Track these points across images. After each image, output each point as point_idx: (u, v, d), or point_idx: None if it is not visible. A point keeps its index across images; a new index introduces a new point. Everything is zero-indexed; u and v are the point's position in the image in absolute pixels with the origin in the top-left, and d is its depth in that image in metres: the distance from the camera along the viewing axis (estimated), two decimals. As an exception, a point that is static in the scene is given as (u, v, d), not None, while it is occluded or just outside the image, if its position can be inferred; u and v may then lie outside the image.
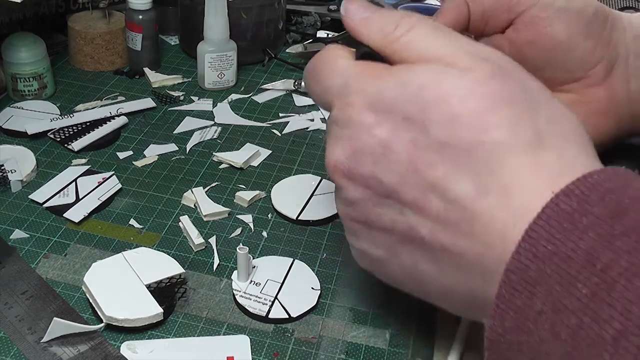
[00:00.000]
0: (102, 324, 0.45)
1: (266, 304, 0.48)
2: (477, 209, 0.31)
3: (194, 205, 0.59)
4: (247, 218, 0.58)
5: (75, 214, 0.56)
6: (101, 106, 0.72)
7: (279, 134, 0.70)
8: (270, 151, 0.67)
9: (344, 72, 0.37)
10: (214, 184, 0.62)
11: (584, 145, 0.33)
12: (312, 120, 0.73)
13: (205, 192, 0.60)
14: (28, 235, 0.54)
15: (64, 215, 0.56)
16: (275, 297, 0.49)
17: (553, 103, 0.34)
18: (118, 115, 0.70)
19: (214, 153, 0.66)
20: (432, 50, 0.35)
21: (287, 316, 0.47)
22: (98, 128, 0.67)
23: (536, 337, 0.28)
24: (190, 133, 0.69)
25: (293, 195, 0.59)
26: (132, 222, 0.56)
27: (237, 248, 0.49)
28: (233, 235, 0.56)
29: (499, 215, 0.31)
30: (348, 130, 0.36)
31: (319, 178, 0.62)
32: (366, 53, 0.38)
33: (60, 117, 0.68)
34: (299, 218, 0.57)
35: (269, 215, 0.58)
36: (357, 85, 0.36)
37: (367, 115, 0.35)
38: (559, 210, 0.29)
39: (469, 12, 0.50)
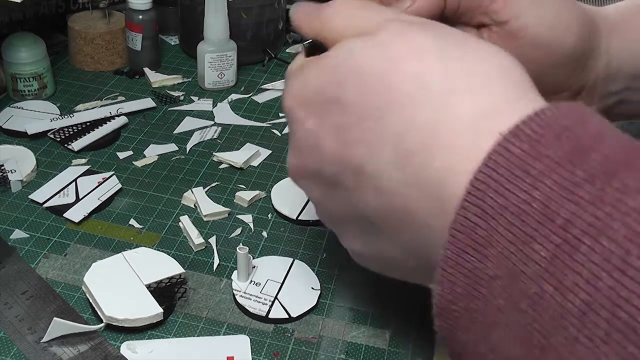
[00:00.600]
0: (102, 324, 0.45)
1: (266, 304, 0.48)
2: (406, 173, 0.29)
3: (194, 205, 0.59)
4: (247, 218, 0.58)
5: (75, 214, 0.56)
6: (101, 106, 0.72)
7: (279, 134, 0.70)
8: (270, 151, 0.67)
9: (286, 78, 0.38)
10: (214, 184, 0.62)
11: (520, 83, 0.29)
12: (312, 120, 0.73)
13: (205, 192, 0.60)
14: (28, 235, 0.54)
15: (64, 215, 0.56)
16: (275, 297, 0.49)
17: (473, 46, 0.31)
18: (118, 115, 0.70)
19: (214, 153, 0.66)
20: (350, 27, 0.34)
21: (287, 316, 0.47)
22: (98, 128, 0.67)
23: (492, 305, 0.25)
24: (190, 133, 0.69)
25: (293, 195, 0.59)
26: (132, 222, 0.56)
27: (237, 248, 0.49)
28: (233, 235, 0.56)
29: (430, 173, 0.28)
30: (291, 132, 0.36)
31: (319, 178, 0.62)
32: (311, 46, 0.39)
33: (60, 117, 0.68)
34: (299, 218, 0.57)
35: (269, 215, 0.58)
36: (289, 86, 0.36)
37: (299, 111, 0.34)
38: (508, 155, 0.25)
39: (444, 3, 0.47)
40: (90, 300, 0.47)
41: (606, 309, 0.22)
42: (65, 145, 0.65)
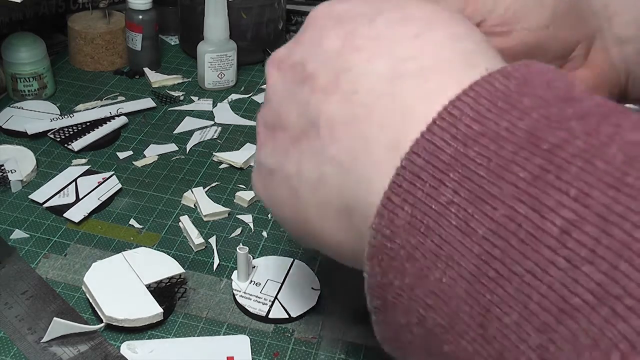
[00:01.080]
0: (102, 324, 0.45)
1: (266, 304, 0.48)
2: (384, 94, 0.27)
3: (194, 205, 0.59)
4: (247, 218, 0.58)
5: (75, 214, 0.56)
6: (101, 106, 0.72)
7: (279, 134, 0.70)
8: (270, 151, 0.67)
9: None
10: (214, 184, 0.62)
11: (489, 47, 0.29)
12: (312, 120, 0.73)
13: (205, 192, 0.60)
14: (28, 235, 0.54)
15: (64, 215, 0.56)
16: (275, 297, 0.49)
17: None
18: (118, 115, 0.70)
19: (214, 153, 0.66)
20: None
21: (287, 316, 0.47)
22: (98, 128, 0.67)
23: (437, 237, 0.22)
24: (190, 133, 0.69)
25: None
26: (132, 222, 0.56)
27: (237, 248, 0.49)
28: (233, 235, 0.56)
29: (409, 95, 0.26)
30: (301, 29, 0.34)
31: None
32: None
33: (60, 117, 0.68)
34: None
35: (269, 215, 0.58)
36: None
37: (320, 21, 0.33)
38: (493, 90, 0.23)
39: None
40: (90, 300, 0.47)
41: (595, 226, 0.20)
42: (65, 145, 0.65)
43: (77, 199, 0.57)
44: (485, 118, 0.23)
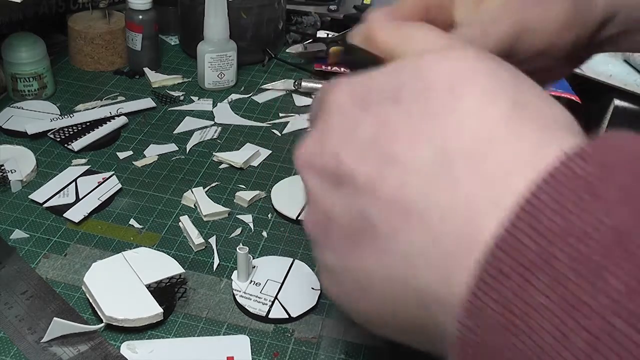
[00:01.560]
0: (102, 324, 0.45)
1: (266, 304, 0.48)
2: (439, 182, 0.25)
3: (194, 205, 0.59)
4: (247, 218, 0.58)
5: (75, 214, 0.56)
6: (101, 106, 0.72)
7: (279, 134, 0.70)
8: (270, 151, 0.67)
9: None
10: (214, 184, 0.62)
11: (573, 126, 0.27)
12: (312, 120, 0.73)
13: (205, 192, 0.60)
14: (28, 235, 0.54)
15: (64, 215, 0.56)
16: (275, 297, 0.49)
17: (534, 88, 0.28)
18: (118, 115, 0.70)
19: (214, 153, 0.66)
20: (428, 46, 0.33)
21: (287, 316, 0.47)
22: (98, 128, 0.67)
23: (528, 339, 0.22)
24: (190, 133, 0.69)
25: (293, 195, 0.59)
26: (132, 222, 0.56)
27: (237, 248, 0.49)
28: (233, 235, 0.56)
29: (467, 183, 0.24)
30: (321, 116, 0.32)
31: (319, 178, 0.62)
32: (351, 47, 0.37)
33: (60, 117, 0.68)
34: (299, 218, 0.57)
35: (269, 215, 0.58)
36: (345, 80, 0.33)
37: (342, 97, 0.31)
38: (573, 177, 0.22)
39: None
40: (90, 300, 0.47)
41: None
42: (65, 145, 0.65)
43: (77, 199, 0.57)
44: (569, 212, 0.21)
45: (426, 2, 0.41)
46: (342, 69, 0.82)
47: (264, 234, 0.56)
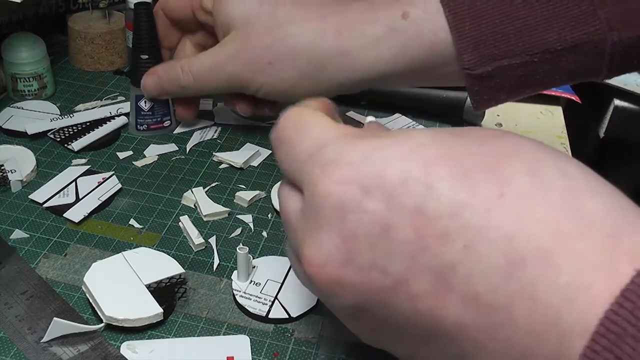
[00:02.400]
0: (102, 324, 0.45)
1: (266, 304, 0.48)
2: (513, 292, 0.24)
3: (194, 205, 0.59)
4: (247, 218, 0.58)
5: (75, 214, 0.56)
6: (101, 106, 0.72)
7: (279, 134, 0.70)
8: (270, 151, 0.67)
9: (318, 138, 0.31)
10: (214, 184, 0.62)
11: (629, 205, 0.25)
12: (312, 120, 0.73)
13: (205, 192, 0.60)
14: (28, 235, 0.54)
15: (64, 215, 0.56)
16: (275, 297, 0.49)
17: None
18: (118, 115, 0.70)
19: (214, 153, 0.66)
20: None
21: (287, 316, 0.47)
22: (98, 128, 0.67)
23: None
24: (190, 133, 0.69)
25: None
26: (132, 222, 0.56)
27: (237, 248, 0.49)
28: (233, 235, 0.56)
29: (539, 312, 0.23)
30: (331, 212, 0.28)
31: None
32: None
33: (60, 117, 0.68)
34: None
35: (269, 215, 0.58)
36: (336, 152, 0.29)
37: (352, 188, 0.27)
38: None
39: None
40: (90, 300, 0.47)
41: None
42: (65, 145, 0.65)
43: (77, 199, 0.57)
44: None
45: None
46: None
47: (264, 234, 0.56)
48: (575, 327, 0.22)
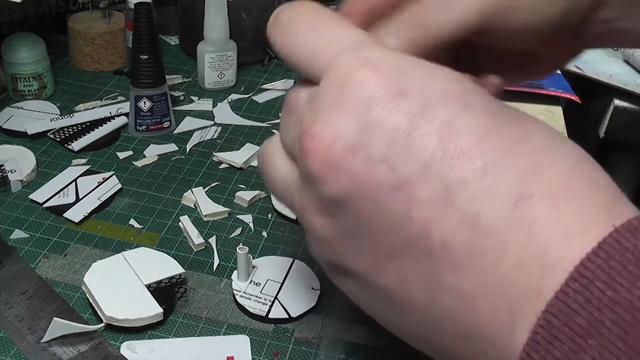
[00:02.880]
0: (102, 324, 0.45)
1: (266, 304, 0.48)
2: (513, 222, 0.25)
3: (194, 205, 0.59)
4: (247, 218, 0.58)
5: (75, 214, 0.56)
6: (101, 106, 0.72)
7: (279, 134, 0.70)
8: (270, 151, 0.67)
9: (361, 38, 0.30)
10: (214, 184, 0.62)
11: (612, 187, 0.26)
12: (312, 120, 0.73)
13: (205, 192, 0.60)
14: (28, 235, 0.54)
15: (64, 215, 0.56)
16: (275, 297, 0.49)
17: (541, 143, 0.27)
18: (118, 115, 0.70)
19: (214, 153, 0.66)
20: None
21: (287, 316, 0.47)
22: (98, 128, 0.67)
23: None
24: (190, 133, 0.69)
25: (293, 195, 0.59)
26: (132, 222, 0.56)
27: (237, 248, 0.49)
28: (233, 235, 0.56)
29: (531, 245, 0.24)
30: (359, 100, 0.27)
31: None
32: None
33: (60, 117, 0.68)
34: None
35: (269, 215, 0.58)
36: (384, 53, 0.29)
37: (391, 84, 0.27)
38: (622, 249, 0.23)
39: None
40: (90, 300, 0.47)
41: None
42: (65, 145, 0.65)
43: (77, 199, 0.57)
44: (618, 284, 0.22)
45: None
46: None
47: (264, 234, 0.56)
48: (562, 264, 0.23)
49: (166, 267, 0.49)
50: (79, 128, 0.67)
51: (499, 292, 0.25)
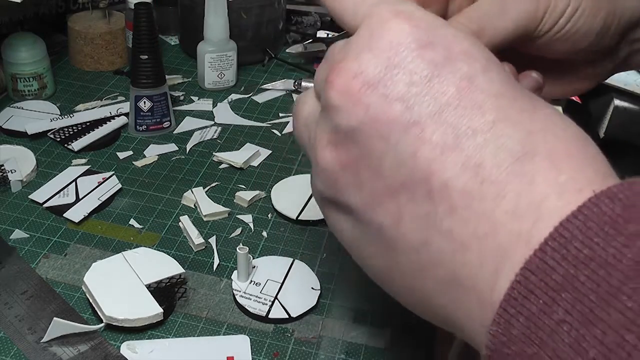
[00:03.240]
0: (102, 324, 0.45)
1: (266, 304, 0.48)
2: (514, 173, 0.26)
3: (194, 205, 0.59)
4: (247, 218, 0.58)
5: (75, 214, 0.56)
6: (101, 106, 0.72)
7: (279, 134, 0.70)
8: (270, 151, 0.67)
9: None
10: (214, 184, 0.62)
11: (602, 159, 0.28)
12: (312, 120, 0.73)
13: (205, 192, 0.60)
14: (28, 235, 0.53)
15: (64, 215, 0.56)
16: (275, 297, 0.49)
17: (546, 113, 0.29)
18: (118, 115, 0.70)
19: (214, 153, 0.66)
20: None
21: (287, 316, 0.47)
22: (98, 128, 0.67)
23: (550, 351, 0.24)
24: (190, 133, 0.69)
25: (293, 195, 0.59)
26: (132, 222, 0.56)
27: (237, 248, 0.49)
28: (233, 235, 0.56)
29: (529, 195, 0.25)
30: (387, 44, 0.29)
31: (319, 178, 0.62)
32: None
33: (60, 117, 0.68)
34: (299, 218, 0.57)
35: (269, 215, 0.58)
36: (415, 8, 0.30)
37: (420, 33, 0.29)
38: (600, 213, 0.24)
39: None
40: (90, 300, 0.47)
41: None
42: (65, 145, 0.65)
43: (77, 199, 0.57)
44: (594, 243, 0.24)
45: None
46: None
47: (264, 234, 0.56)
48: (554, 216, 0.25)
49: (166, 267, 0.49)
50: (79, 128, 0.67)
51: (491, 237, 0.26)
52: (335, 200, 0.31)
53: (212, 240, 0.55)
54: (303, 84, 0.78)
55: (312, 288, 0.50)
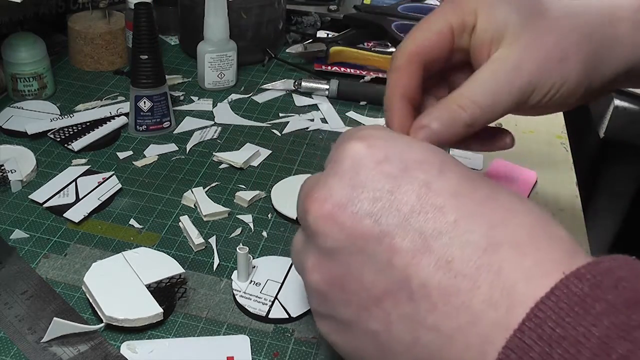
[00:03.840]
0: (102, 324, 0.45)
1: (266, 304, 0.48)
2: (483, 265, 0.29)
3: (194, 205, 0.59)
4: (247, 218, 0.58)
5: (75, 214, 0.56)
6: (101, 106, 0.72)
7: (279, 134, 0.70)
8: (270, 151, 0.67)
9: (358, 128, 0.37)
10: (214, 184, 0.62)
11: (567, 239, 0.31)
12: (312, 120, 0.73)
13: (205, 192, 0.60)
14: (28, 235, 0.54)
15: (64, 215, 0.56)
16: (275, 297, 0.49)
17: (507, 201, 0.32)
18: (118, 115, 0.70)
19: (214, 153, 0.66)
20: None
21: (287, 316, 0.47)
22: (98, 128, 0.67)
23: None
24: (190, 133, 0.69)
25: (293, 195, 0.59)
26: (132, 222, 0.56)
27: (237, 248, 0.49)
28: (233, 235, 0.56)
29: (500, 284, 0.28)
30: (350, 165, 0.33)
31: (319, 178, 0.62)
32: None
33: (60, 117, 0.68)
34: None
35: (269, 215, 0.58)
36: (371, 130, 0.35)
37: (376, 152, 0.33)
38: (569, 293, 0.27)
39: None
40: (90, 300, 0.47)
41: None
42: (65, 145, 0.65)
43: (77, 199, 0.57)
44: (566, 322, 0.26)
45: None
46: (342, 69, 0.82)
47: (264, 234, 0.56)
48: (526, 301, 0.27)
49: (166, 267, 0.49)
50: (79, 128, 0.67)
51: (473, 326, 0.28)
52: (330, 316, 0.34)
53: (212, 240, 0.55)
54: (303, 84, 0.78)
55: (312, 288, 0.50)
